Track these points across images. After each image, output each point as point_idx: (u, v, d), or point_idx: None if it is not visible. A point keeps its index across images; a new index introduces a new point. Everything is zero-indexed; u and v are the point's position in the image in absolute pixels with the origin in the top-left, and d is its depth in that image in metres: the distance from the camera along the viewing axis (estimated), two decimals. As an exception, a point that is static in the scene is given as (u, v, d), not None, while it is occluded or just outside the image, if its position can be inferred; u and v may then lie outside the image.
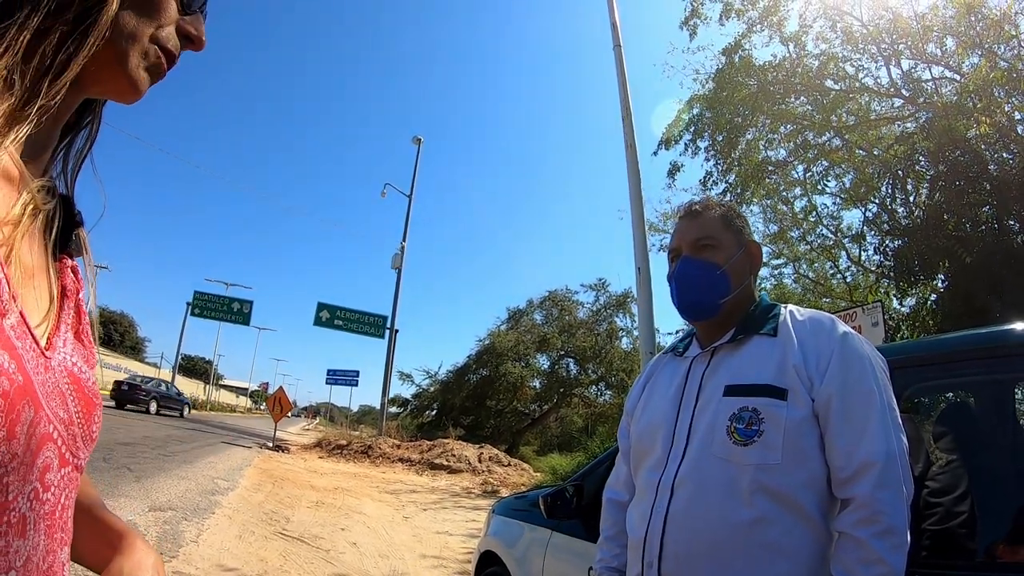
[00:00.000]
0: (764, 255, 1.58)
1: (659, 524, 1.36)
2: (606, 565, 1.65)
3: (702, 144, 12.64)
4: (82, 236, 0.70)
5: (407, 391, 30.78)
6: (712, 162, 12.63)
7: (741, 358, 1.43)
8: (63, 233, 0.66)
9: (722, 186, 12.48)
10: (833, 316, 1.44)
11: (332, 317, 25.87)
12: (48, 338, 0.58)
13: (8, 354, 0.48)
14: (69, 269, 0.67)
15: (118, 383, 24.95)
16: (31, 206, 0.57)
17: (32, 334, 0.54)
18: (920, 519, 1.67)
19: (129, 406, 24.20)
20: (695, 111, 12.71)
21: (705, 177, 12.87)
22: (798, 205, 14.62)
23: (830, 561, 1.24)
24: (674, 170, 13.12)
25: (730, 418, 1.34)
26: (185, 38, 0.65)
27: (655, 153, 13.43)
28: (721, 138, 12.14)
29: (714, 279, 1.50)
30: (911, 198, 10.54)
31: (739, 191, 12.25)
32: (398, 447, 18.26)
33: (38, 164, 0.62)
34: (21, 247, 0.56)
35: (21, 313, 0.53)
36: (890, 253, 10.20)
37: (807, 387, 1.32)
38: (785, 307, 1.50)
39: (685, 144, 12.82)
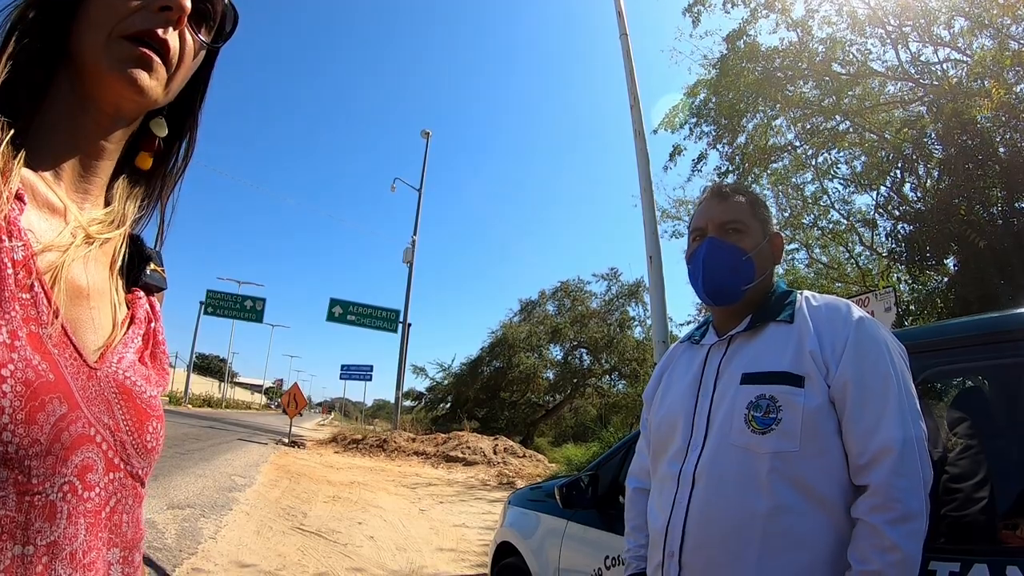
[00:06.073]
0: (775, 240, 1.58)
1: (681, 515, 1.37)
2: (635, 554, 1.66)
3: (707, 129, 12.51)
4: (160, 273, 0.74)
5: (421, 384, 30.93)
6: (716, 147, 12.50)
7: (758, 346, 1.43)
8: (136, 268, 0.71)
9: (725, 169, 12.35)
10: (849, 302, 1.43)
11: (345, 312, 25.93)
12: (101, 354, 0.62)
13: (40, 355, 0.52)
14: (144, 302, 0.71)
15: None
16: (81, 234, 0.61)
17: (74, 345, 0.58)
18: (939, 505, 1.67)
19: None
20: (701, 96, 12.56)
21: (698, 158, 12.70)
22: (808, 191, 14.50)
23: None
24: (676, 152, 12.93)
25: (747, 406, 1.34)
26: (164, 10, 0.62)
27: (655, 132, 13.30)
28: (726, 123, 12.01)
29: (739, 264, 1.48)
30: (925, 182, 10.44)
31: (746, 178, 12.10)
32: (413, 440, 18.33)
33: (91, 196, 0.65)
34: (71, 271, 0.59)
35: (63, 327, 0.57)
36: (902, 238, 10.11)
37: (823, 373, 1.31)
38: (801, 293, 1.49)
39: (690, 128, 12.68)
